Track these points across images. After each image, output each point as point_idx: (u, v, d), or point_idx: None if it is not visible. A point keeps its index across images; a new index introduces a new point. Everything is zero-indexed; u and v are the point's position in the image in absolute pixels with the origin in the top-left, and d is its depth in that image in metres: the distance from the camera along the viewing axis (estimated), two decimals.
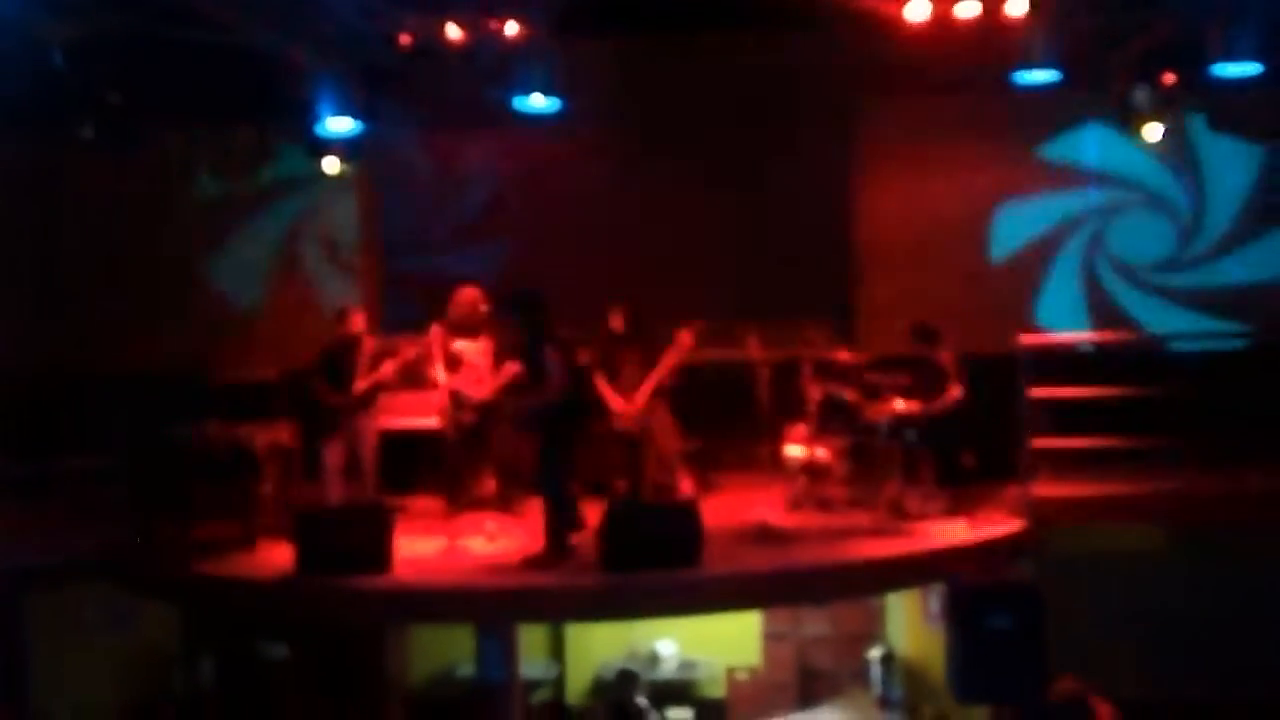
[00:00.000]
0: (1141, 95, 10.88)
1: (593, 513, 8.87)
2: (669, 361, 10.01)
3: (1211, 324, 11.84)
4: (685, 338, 10.01)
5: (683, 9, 11.24)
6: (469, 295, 10.00)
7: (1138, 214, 11.95)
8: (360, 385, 9.91)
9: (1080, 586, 9.97)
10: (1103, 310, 11.93)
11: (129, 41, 9.73)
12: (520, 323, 8.97)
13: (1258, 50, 9.59)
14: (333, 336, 10.08)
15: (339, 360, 9.96)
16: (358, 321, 10.13)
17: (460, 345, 9.94)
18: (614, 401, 9.95)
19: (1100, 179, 11.90)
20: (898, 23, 10.33)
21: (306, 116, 10.26)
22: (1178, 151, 11.75)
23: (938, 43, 10.15)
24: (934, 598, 9.97)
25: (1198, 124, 11.73)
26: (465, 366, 9.92)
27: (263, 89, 10.52)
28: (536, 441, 9.00)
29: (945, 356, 9.85)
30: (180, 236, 12.11)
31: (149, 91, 10.49)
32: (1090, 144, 11.82)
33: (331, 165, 11.27)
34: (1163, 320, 11.84)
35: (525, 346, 8.95)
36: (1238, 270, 11.87)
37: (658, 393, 10.02)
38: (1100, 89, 10.91)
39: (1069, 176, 11.90)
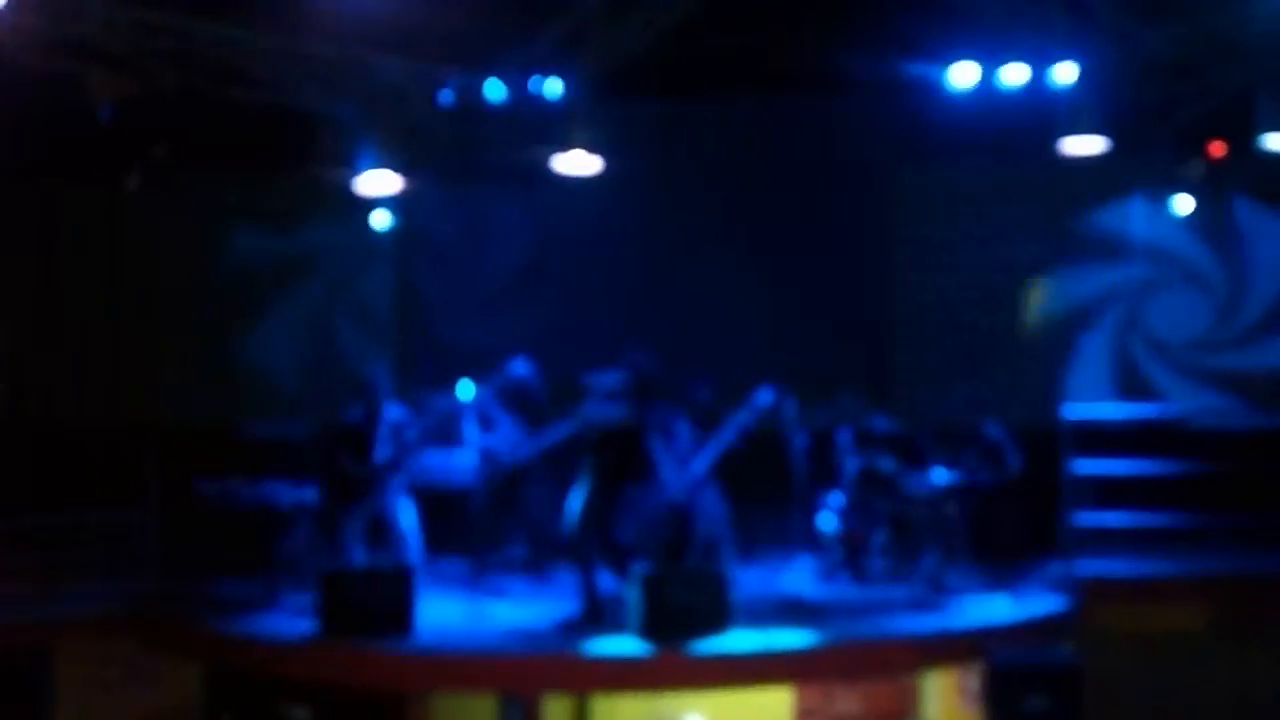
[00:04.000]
0: (1189, 167, 10.74)
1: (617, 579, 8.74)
2: (735, 431, 9.75)
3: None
4: (758, 403, 9.80)
5: (723, 73, 11.22)
6: (522, 370, 9.91)
7: (1178, 289, 11.74)
8: (383, 459, 9.71)
9: (1123, 667, 9.69)
10: (1134, 387, 11.68)
11: (177, 97, 9.82)
12: (635, 407, 8.88)
13: None
14: (356, 406, 9.95)
15: (362, 432, 9.80)
16: (381, 391, 9.99)
17: (496, 406, 9.86)
18: (667, 467, 9.70)
19: (1143, 252, 11.72)
20: (943, 88, 10.31)
21: (349, 173, 10.30)
22: (1220, 226, 11.55)
23: (982, 109, 10.10)
24: (972, 676, 9.71)
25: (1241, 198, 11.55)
26: (500, 426, 9.82)
27: (307, 145, 10.56)
28: (575, 503, 8.89)
29: (994, 428, 9.69)
30: (217, 293, 12.11)
31: (195, 145, 10.57)
32: (1134, 216, 11.66)
33: (378, 219, 11.25)
34: (1196, 399, 11.58)
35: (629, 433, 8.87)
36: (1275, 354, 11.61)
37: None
38: (1146, 159, 10.78)
39: (1110, 248, 11.72)
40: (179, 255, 12.05)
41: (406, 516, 9.62)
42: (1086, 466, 9.91)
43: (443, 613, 9.17)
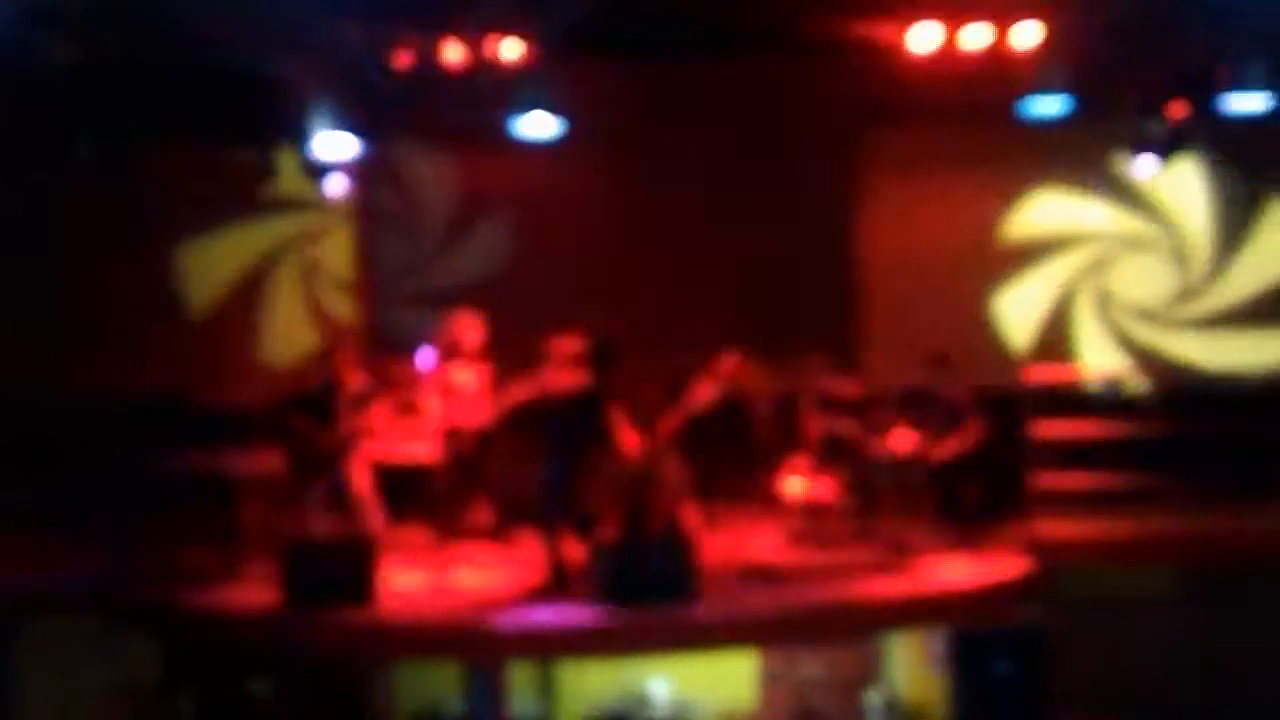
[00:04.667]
0: (1152, 129, 10.72)
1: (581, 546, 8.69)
2: (700, 396, 9.68)
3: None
4: (724, 368, 9.72)
5: (686, 35, 11.10)
6: (467, 322, 9.80)
7: (1146, 247, 11.74)
8: (345, 429, 9.61)
9: (1087, 628, 9.73)
10: (1111, 343, 11.70)
11: (128, 62, 9.62)
12: (595, 374, 8.82)
13: (1268, 83, 9.51)
14: (316, 377, 9.82)
15: (322, 402, 9.68)
16: (343, 360, 9.86)
17: (453, 372, 9.75)
18: (628, 435, 9.63)
19: (1108, 211, 11.70)
20: (903, 51, 10.24)
21: (304, 138, 10.13)
22: (1188, 192, 11.55)
23: (945, 71, 10.04)
24: (936, 640, 9.73)
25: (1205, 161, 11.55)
26: (458, 394, 9.72)
27: (261, 110, 10.38)
28: (539, 471, 8.83)
29: (957, 391, 9.68)
30: (168, 259, 11.91)
31: (146, 112, 10.38)
32: (1099, 176, 11.63)
33: (333, 186, 11.08)
34: (1177, 349, 11.60)
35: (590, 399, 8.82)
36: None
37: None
38: (1110, 120, 10.75)
39: (1076, 209, 11.70)
40: (130, 224, 11.83)
41: (367, 486, 9.53)
42: (1049, 429, 9.92)
43: (405, 582, 9.10)
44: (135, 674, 10.24)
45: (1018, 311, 11.73)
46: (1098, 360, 11.62)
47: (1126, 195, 11.64)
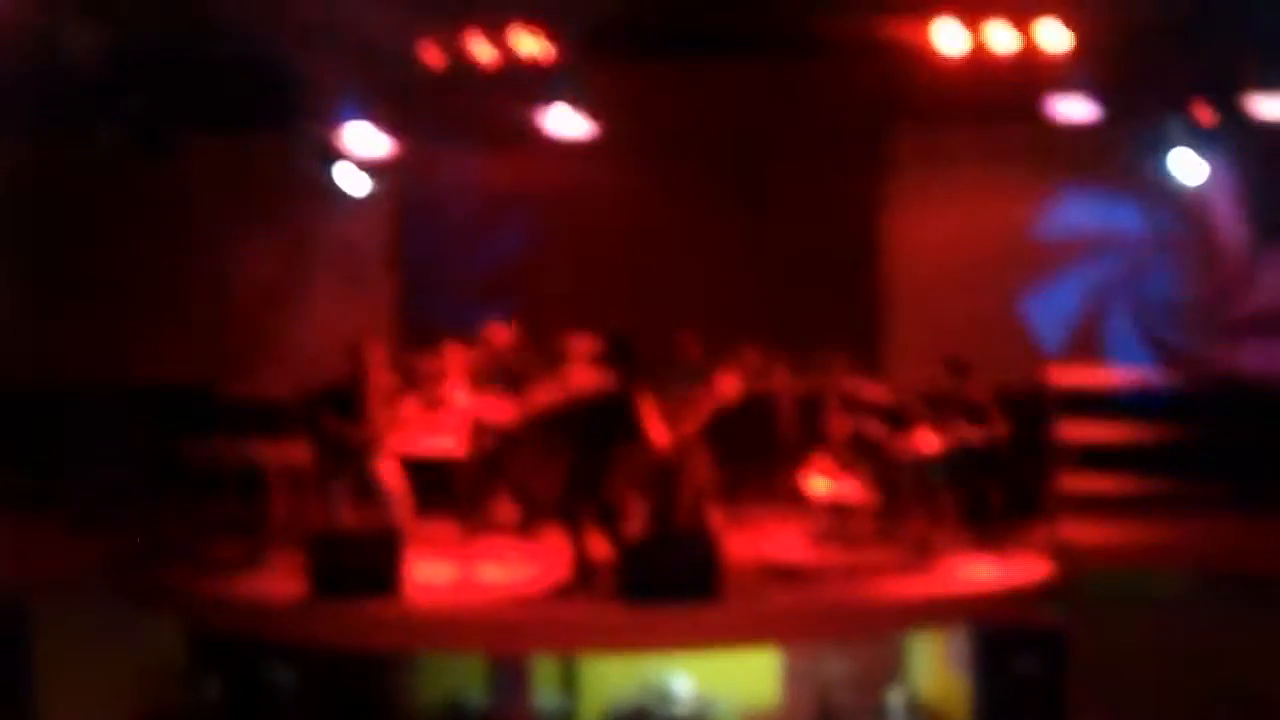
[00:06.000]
0: (1177, 128, 10.70)
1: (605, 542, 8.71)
2: (724, 391, 9.69)
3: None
4: (747, 363, 9.74)
5: (714, 34, 11.12)
6: (502, 338, 9.83)
7: (1175, 249, 11.70)
8: (373, 422, 9.62)
9: (1108, 630, 9.73)
10: (1121, 352, 11.66)
11: (156, 49, 9.67)
12: (617, 372, 8.86)
13: None
14: (345, 370, 9.83)
15: (350, 395, 9.69)
16: (371, 356, 9.87)
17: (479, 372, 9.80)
18: (656, 430, 9.64)
19: (1137, 212, 11.67)
20: (931, 52, 10.25)
21: (337, 131, 10.16)
22: (1209, 193, 11.48)
23: (973, 72, 10.05)
24: (958, 640, 9.74)
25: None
26: (485, 388, 9.76)
27: (295, 101, 10.42)
28: (565, 466, 8.85)
29: (979, 392, 9.67)
30: (198, 248, 11.95)
31: (181, 102, 10.43)
32: (1127, 177, 11.60)
33: (353, 180, 11.12)
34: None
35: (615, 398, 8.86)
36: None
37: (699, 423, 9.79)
38: (1138, 121, 10.73)
39: (1105, 209, 11.68)
40: (157, 210, 11.88)
41: (394, 479, 9.57)
42: (1073, 430, 9.92)
43: (431, 575, 9.13)
44: (158, 660, 10.30)
45: (1048, 313, 11.70)
46: (1129, 363, 11.56)
47: (1155, 196, 11.60)
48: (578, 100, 10.24)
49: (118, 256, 11.83)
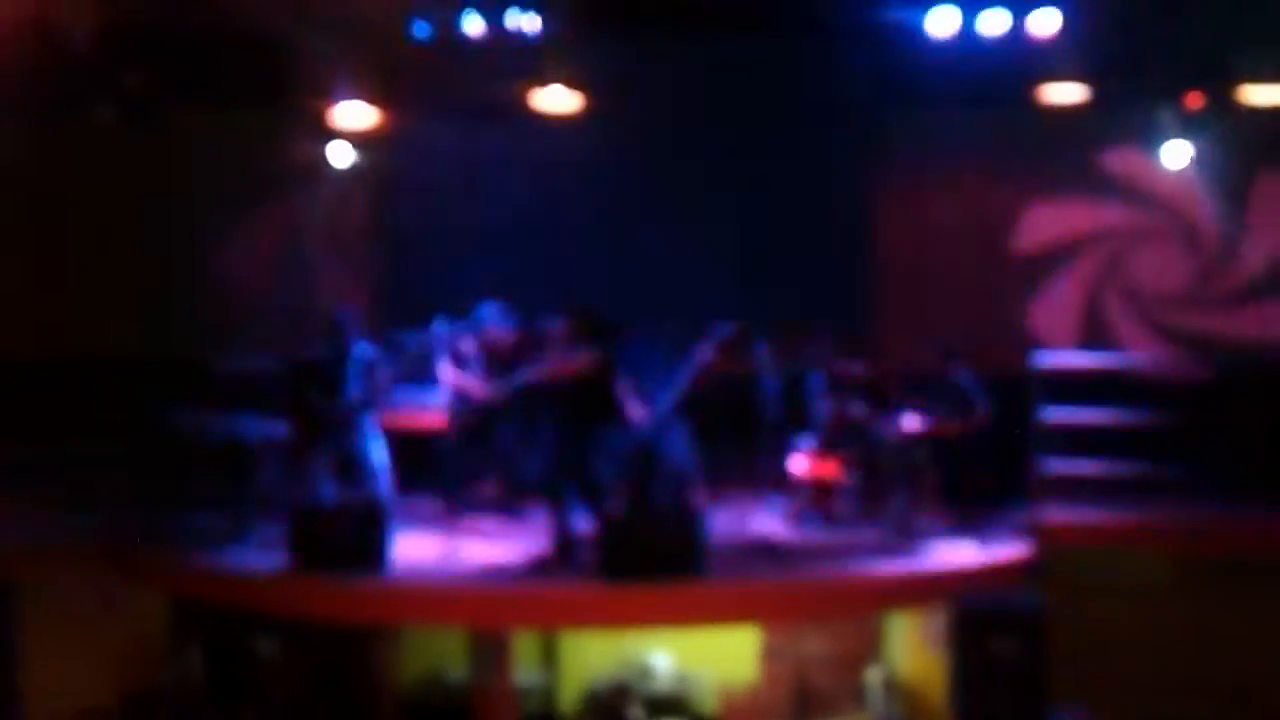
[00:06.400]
0: (1167, 116, 10.72)
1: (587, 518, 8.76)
2: (701, 367, 9.72)
3: None
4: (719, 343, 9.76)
5: (706, 11, 11.10)
6: (503, 340, 9.86)
7: (1163, 240, 11.69)
8: (355, 396, 9.64)
9: (1086, 612, 9.79)
10: (1106, 336, 11.68)
11: (152, 26, 9.65)
12: (597, 351, 8.89)
13: None
14: (325, 342, 9.84)
15: (330, 368, 9.72)
16: (352, 329, 9.88)
17: (465, 347, 9.81)
18: (634, 407, 9.70)
19: (1127, 200, 11.68)
20: (923, 34, 10.26)
21: (323, 106, 10.14)
22: (1214, 179, 11.45)
23: (964, 55, 10.05)
24: (936, 620, 9.80)
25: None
26: (470, 365, 9.78)
27: (280, 75, 10.40)
28: (547, 443, 8.89)
29: (965, 374, 9.71)
30: (186, 221, 11.94)
31: (170, 77, 10.42)
32: (1115, 166, 11.60)
33: (342, 154, 11.11)
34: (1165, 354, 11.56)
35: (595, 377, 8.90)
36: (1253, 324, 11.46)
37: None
38: (1128, 107, 10.73)
39: (1095, 196, 11.69)
40: (152, 187, 11.87)
41: (378, 454, 9.60)
42: (1055, 414, 9.95)
43: (414, 549, 9.17)
44: (142, 631, 10.33)
45: (1036, 296, 11.71)
46: (1129, 346, 11.58)
47: (1140, 180, 11.61)
48: (568, 75, 10.22)
49: (103, 230, 11.83)
